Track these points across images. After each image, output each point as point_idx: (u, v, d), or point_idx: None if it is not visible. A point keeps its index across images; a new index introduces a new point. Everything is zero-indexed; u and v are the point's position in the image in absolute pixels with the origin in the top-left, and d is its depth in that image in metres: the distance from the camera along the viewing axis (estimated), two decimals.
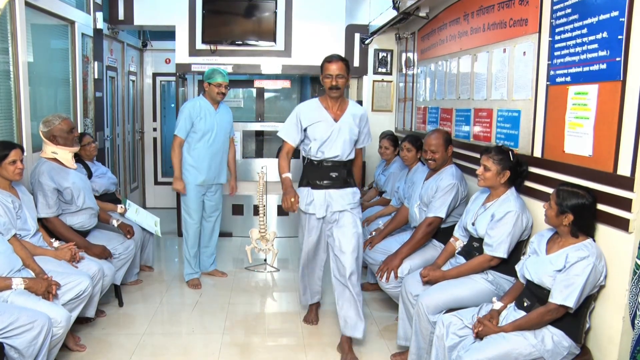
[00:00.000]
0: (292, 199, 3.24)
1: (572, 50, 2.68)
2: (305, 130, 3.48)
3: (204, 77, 4.59)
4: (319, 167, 3.49)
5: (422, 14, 4.86)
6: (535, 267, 2.53)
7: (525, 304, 2.56)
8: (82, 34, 5.00)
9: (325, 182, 3.49)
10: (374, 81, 6.27)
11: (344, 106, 3.53)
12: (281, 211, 6.22)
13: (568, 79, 2.71)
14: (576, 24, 2.64)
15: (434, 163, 3.61)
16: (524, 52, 3.18)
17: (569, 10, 2.71)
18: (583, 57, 2.59)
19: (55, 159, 3.64)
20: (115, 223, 4.10)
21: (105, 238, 3.94)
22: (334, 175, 3.48)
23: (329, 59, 3.39)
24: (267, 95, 7.63)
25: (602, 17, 2.44)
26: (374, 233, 4.18)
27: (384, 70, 6.28)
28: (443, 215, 3.51)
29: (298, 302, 4.25)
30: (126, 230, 4.09)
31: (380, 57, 6.24)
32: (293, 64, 6.13)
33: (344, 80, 3.42)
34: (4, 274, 2.80)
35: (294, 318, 3.99)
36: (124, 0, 6.01)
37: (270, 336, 3.74)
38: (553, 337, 2.42)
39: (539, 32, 3.01)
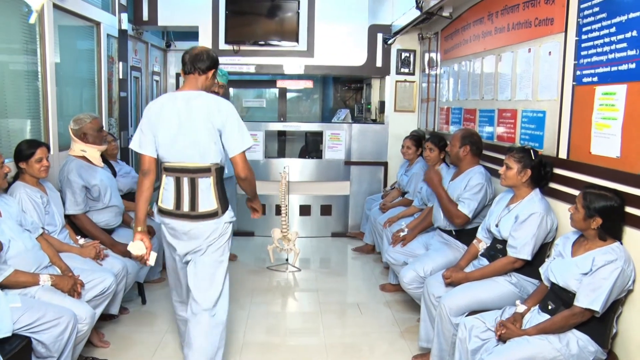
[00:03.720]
0: None
1: (599, 50, 2.64)
2: None
3: None
4: None
5: (446, 13, 4.82)
6: (560, 269, 2.49)
7: (549, 307, 2.52)
8: (108, 35, 5.07)
9: None
10: (396, 81, 6.24)
11: None
12: (303, 211, 6.24)
13: (595, 79, 2.67)
14: (604, 23, 2.60)
15: (449, 158, 3.73)
16: (550, 52, 3.13)
17: (596, 9, 2.66)
18: (611, 56, 2.54)
19: (83, 157, 3.70)
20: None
21: (129, 236, 3.97)
22: None
23: None
24: (289, 95, 7.66)
25: (631, 15, 2.40)
26: (402, 233, 4.12)
27: (406, 70, 6.25)
28: (468, 213, 3.49)
29: (319, 302, 4.26)
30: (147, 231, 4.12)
31: (403, 57, 6.21)
32: (315, 64, 6.14)
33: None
34: (32, 270, 2.85)
35: (314, 318, 3.99)
36: (149, 1, 6.06)
37: (291, 336, 3.74)
38: (578, 342, 2.38)
39: (565, 31, 2.97)
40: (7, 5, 3.56)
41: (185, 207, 2.71)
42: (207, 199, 2.72)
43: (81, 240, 3.52)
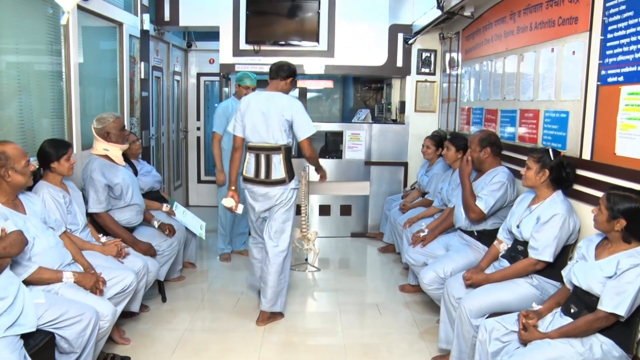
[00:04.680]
0: None
1: (625, 49, 2.59)
2: None
3: (236, 78, 5.06)
4: None
5: (467, 13, 4.78)
6: (583, 272, 2.45)
7: (572, 311, 2.48)
8: (130, 35, 5.12)
9: None
10: (417, 81, 6.21)
11: None
12: (323, 211, 6.24)
13: (621, 78, 2.63)
14: (630, 21, 2.55)
15: (473, 164, 3.65)
16: (574, 52, 3.09)
17: (622, 7, 2.62)
18: (638, 55, 2.50)
19: (106, 156, 3.75)
20: (155, 224, 4.17)
21: (150, 235, 4.02)
22: None
23: None
24: (309, 95, 7.65)
25: None
26: (422, 234, 4.09)
27: (427, 70, 6.21)
28: (484, 209, 3.45)
29: (338, 302, 4.26)
30: (166, 229, 4.16)
31: (423, 57, 6.17)
32: (336, 64, 6.13)
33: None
34: (55, 267, 2.90)
35: (333, 318, 3.98)
36: (170, 2, 6.12)
37: (310, 335, 3.74)
38: (602, 346, 2.34)
39: (590, 30, 2.92)
40: (32, 7, 3.63)
41: (262, 176, 3.72)
42: (278, 170, 3.72)
43: (103, 239, 3.56)
